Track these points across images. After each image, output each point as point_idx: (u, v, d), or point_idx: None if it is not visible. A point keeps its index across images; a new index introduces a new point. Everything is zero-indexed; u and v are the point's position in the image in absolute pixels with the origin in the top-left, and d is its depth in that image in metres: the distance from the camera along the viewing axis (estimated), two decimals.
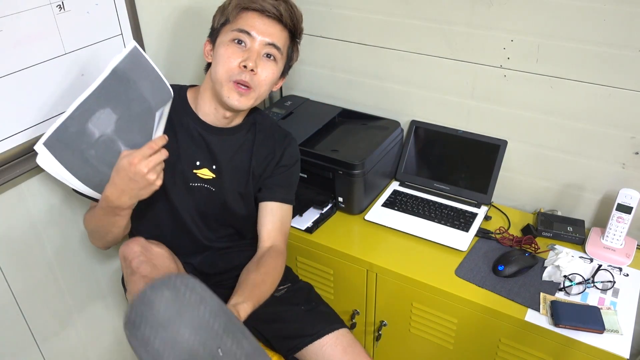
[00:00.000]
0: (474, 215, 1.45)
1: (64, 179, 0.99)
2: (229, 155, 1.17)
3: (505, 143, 1.46)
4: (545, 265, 1.28)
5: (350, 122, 1.66)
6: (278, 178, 1.23)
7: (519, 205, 1.54)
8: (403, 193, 1.56)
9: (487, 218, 1.46)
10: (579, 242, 1.36)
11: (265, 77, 1.09)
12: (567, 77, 1.32)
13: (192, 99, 1.16)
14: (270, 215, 1.21)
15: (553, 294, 1.21)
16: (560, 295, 1.21)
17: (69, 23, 1.10)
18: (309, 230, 1.45)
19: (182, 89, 1.17)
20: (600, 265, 1.27)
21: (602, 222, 1.41)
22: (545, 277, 1.25)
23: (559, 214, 1.44)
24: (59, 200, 1.23)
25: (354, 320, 1.48)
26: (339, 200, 1.49)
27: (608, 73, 1.27)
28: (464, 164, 1.53)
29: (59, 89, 1.12)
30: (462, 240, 1.37)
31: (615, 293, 1.22)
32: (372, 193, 1.54)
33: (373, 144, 1.48)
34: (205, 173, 1.16)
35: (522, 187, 1.52)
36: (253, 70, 1.06)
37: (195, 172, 1.15)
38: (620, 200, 1.27)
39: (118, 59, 0.99)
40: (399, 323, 1.40)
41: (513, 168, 1.50)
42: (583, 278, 1.23)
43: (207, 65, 1.16)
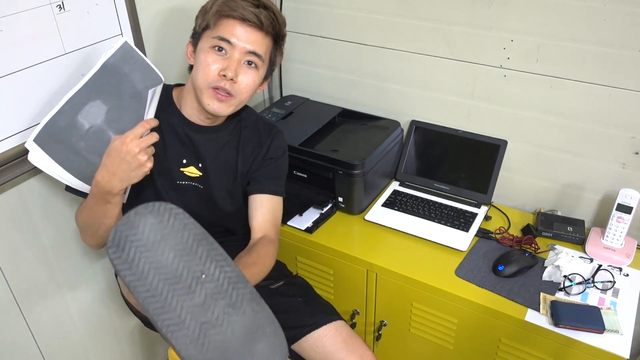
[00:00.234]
0: (474, 215, 1.45)
1: (56, 174, 1.00)
2: (214, 153, 1.17)
3: (505, 143, 1.46)
4: (545, 265, 1.28)
5: (350, 122, 1.66)
6: (266, 170, 1.22)
7: (519, 205, 1.54)
8: (403, 193, 1.56)
9: (487, 218, 1.46)
10: (579, 242, 1.36)
11: (246, 84, 1.08)
12: (567, 77, 1.32)
13: (177, 98, 1.17)
14: (260, 208, 1.20)
15: (553, 294, 1.21)
16: (560, 295, 1.21)
17: (69, 23, 1.10)
18: (309, 230, 1.45)
19: (167, 88, 1.17)
20: (600, 265, 1.27)
21: (602, 222, 1.41)
22: (545, 277, 1.25)
23: (559, 214, 1.44)
24: (59, 201, 1.23)
25: (354, 320, 1.48)
26: (339, 200, 1.49)
27: (608, 73, 1.27)
28: (464, 164, 1.53)
29: (59, 89, 1.12)
30: (462, 240, 1.37)
31: (615, 293, 1.22)
32: (372, 193, 1.54)
33: (373, 144, 1.48)
34: (192, 171, 1.16)
35: (522, 187, 1.52)
36: (233, 79, 1.05)
37: (182, 170, 1.16)
38: (620, 200, 1.27)
39: (108, 54, 1.01)
40: (399, 323, 1.40)
41: (513, 168, 1.50)
42: (583, 278, 1.23)
43: (190, 67, 1.15)
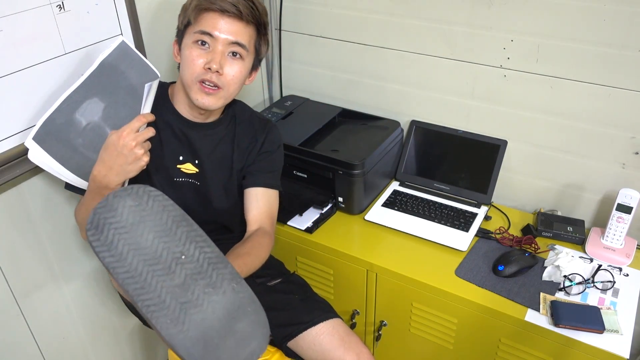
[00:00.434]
0: (474, 215, 1.45)
1: (56, 172, 1.01)
2: (210, 149, 1.18)
3: (505, 143, 1.46)
4: (545, 265, 1.27)
5: (350, 122, 1.66)
6: (261, 164, 1.23)
7: (519, 205, 1.54)
8: (403, 193, 1.56)
9: (487, 218, 1.46)
10: (579, 242, 1.36)
11: (233, 75, 1.08)
12: (567, 77, 1.32)
13: (172, 96, 1.17)
14: (256, 201, 1.21)
15: (553, 294, 1.21)
16: (560, 295, 1.21)
17: (69, 23, 1.10)
18: (309, 230, 1.45)
19: (164, 86, 1.18)
20: (600, 265, 1.27)
21: (602, 222, 1.41)
22: (545, 277, 1.25)
23: (559, 214, 1.44)
24: (59, 200, 1.23)
25: (354, 320, 1.48)
26: (339, 200, 1.49)
27: (608, 73, 1.27)
28: (464, 164, 1.53)
29: (59, 89, 1.11)
30: (462, 240, 1.37)
31: (615, 293, 1.22)
32: (372, 193, 1.54)
33: (373, 144, 1.48)
34: (189, 168, 1.17)
35: (522, 187, 1.52)
36: (219, 72, 1.05)
37: (179, 167, 1.16)
38: (620, 200, 1.27)
39: (106, 54, 1.02)
40: (399, 323, 1.40)
41: (513, 168, 1.50)
42: (583, 278, 1.23)
43: (179, 65, 1.15)
